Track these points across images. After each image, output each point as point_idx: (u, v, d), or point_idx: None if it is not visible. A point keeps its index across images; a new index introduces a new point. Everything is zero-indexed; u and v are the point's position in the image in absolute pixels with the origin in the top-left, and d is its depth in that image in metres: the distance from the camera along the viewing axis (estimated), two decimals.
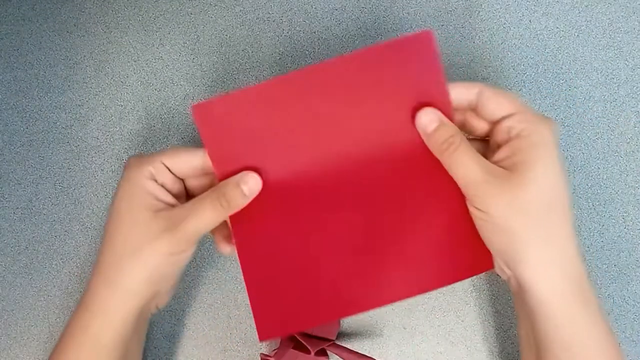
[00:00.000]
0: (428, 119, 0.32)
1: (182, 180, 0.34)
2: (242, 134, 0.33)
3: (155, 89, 0.43)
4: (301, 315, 0.34)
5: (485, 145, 0.34)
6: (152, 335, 0.40)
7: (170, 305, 0.41)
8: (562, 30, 0.42)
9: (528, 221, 0.30)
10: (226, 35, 0.43)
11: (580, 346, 0.30)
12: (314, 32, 0.43)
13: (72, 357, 0.32)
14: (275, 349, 0.37)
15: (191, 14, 0.43)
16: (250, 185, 0.32)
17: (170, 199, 0.33)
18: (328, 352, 0.39)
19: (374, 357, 0.37)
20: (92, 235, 0.42)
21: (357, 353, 0.37)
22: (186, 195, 0.35)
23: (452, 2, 0.43)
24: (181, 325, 0.41)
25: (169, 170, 0.33)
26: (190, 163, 0.33)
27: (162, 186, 0.33)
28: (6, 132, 0.43)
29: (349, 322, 0.40)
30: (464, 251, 0.33)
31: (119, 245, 0.31)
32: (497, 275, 0.40)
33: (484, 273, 0.40)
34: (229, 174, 0.33)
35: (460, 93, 0.33)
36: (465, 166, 0.31)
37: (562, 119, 0.42)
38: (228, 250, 0.36)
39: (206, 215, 0.31)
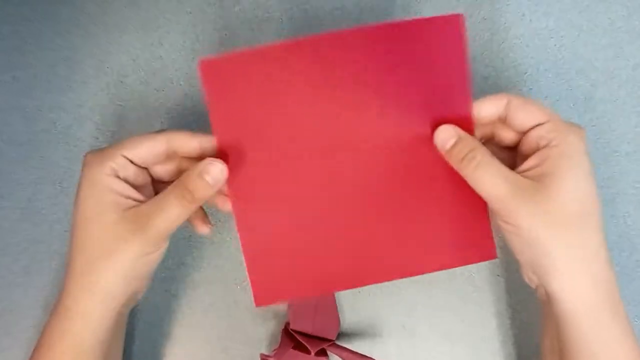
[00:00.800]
0: (446, 136, 0.31)
1: (146, 168, 0.34)
2: (247, 95, 0.31)
3: (155, 89, 0.43)
4: (297, 283, 0.34)
5: (513, 154, 0.34)
6: (152, 335, 0.40)
7: (170, 305, 0.41)
8: (563, 30, 0.42)
9: (557, 232, 0.29)
10: (225, 34, 0.43)
11: (607, 358, 0.30)
12: (314, 32, 0.43)
13: None
14: (275, 349, 0.37)
15: (190, 13, 0.43)
16: (213, 174, 0.31)
17: (136, 194, 0.32)
18: (328, 352, 0.39)
19: (374, 357, 0.37)
20: None
21: (357, 353, 0.37)
22: (152, 181, 0.34)
23: (452, 2, 0.43)
24: (181, 325, 0.41)
25: (131, 161, 0.32)
26: (152, 150, 0.32)
27: (126, 180, 0.32)
28: (6, 132, 0.43)
29: (349, 322, 0.40)
30: (467, 238, 0.33)
31: (90, 249, 0.31)
32: (498, 275, 0.40)
33: (484, 275, 0.40)
34: (228, 136, 0.32)
35: (489, 108, 0.32)
36: (489, 182, 0.30)
37: (562, 118, 0.41)
38: (206, 230, 0.35)
39: (172, 212, 0.31)
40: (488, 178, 0.30)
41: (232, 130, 0.32)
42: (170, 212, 0.31)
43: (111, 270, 0.31)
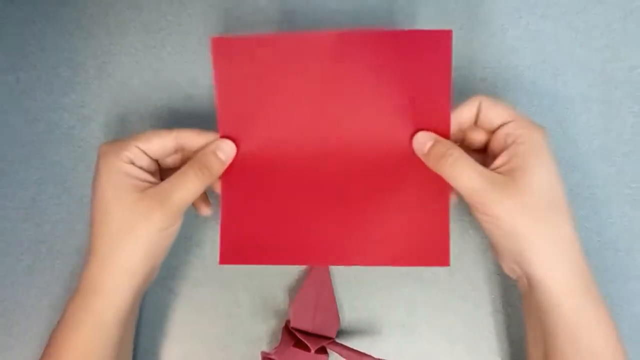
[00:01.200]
0: (423, 140, 0.34)
1: (157, 160, 0.36)
2: (252, 77, 0.34)
3: (157, 90, 0.43)
4: (264, 251, 0.36)
5: (483, 155, 0.36)
6: (153, 333, 0.41)
7: (171, 303, 0.41)
8: (560, 32, 0.43)
9: (533, 222, 0.31)
10: None
11: (587, 341, 0.31)
12: None
13: (75, 338, 0.32)
14: (275, 347, 0.38)
15: (192, 15, 0.43)
16: (226, 151, 0.35)
17: (151, 178, 0.34)
18: (328, 350, 0.39)
19: (373, 355, 0.37)
20: None
21: (356, 351, 0.38)
22: (159, 170, 0.37)
23: (450, 4, 0.43)
24: (182, 323, 0.41)
25: (145, 153, 0.34)
26: (164, 145, 0.35)
27: (141, 168, 0.34)
28: (9, 132, 0.43)
29: (348, 320, 0.41)
30: (426, 242, 0.35)
31: (113, 229, 0.32)
32: (497, 275, 0.41)
33: (483, 274, 0.41)
34: (229, 113, 0.35)
35: (468, 112, 0.34)
36: (466, 177, 0.32)
37: (559, 119, 0.42)
38: (208, 212, 0.38)
39: (191, 185, 0.33)
40: (465, 173, 0.32)
41: (233, 105, 0.35)
42: (189, 187, 0.33)
43: (132, 245, 0.32)
